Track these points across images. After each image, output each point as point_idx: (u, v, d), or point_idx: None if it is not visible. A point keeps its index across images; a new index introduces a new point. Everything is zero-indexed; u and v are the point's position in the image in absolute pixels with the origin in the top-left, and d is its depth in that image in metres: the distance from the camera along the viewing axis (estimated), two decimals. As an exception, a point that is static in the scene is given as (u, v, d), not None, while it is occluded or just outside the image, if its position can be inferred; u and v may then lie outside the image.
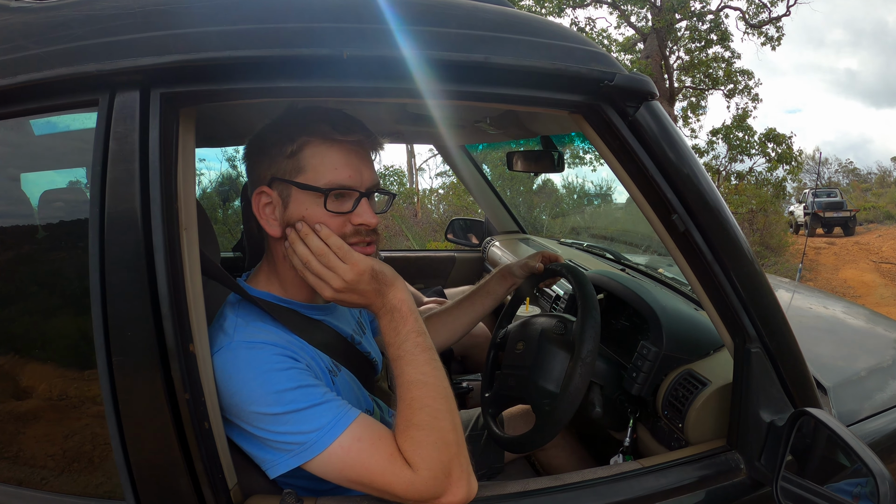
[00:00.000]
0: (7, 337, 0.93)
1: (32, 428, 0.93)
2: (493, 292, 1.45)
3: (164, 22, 0.73)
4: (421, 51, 0.77)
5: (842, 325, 1.84)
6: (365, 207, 0.92)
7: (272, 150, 0.92)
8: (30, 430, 0.94)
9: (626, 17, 12.57)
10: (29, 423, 0.93)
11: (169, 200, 0.76)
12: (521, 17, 0.86)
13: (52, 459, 0.91)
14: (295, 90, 0.76)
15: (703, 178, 0.91)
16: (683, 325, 1.31)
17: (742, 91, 13.30)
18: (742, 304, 0.97)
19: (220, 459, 0.81)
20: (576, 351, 1.12)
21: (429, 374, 0.86)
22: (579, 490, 0.94)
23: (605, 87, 0.85)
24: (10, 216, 0.95)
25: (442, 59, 0.78)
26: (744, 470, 1.01)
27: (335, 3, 0.78)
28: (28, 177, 0.98)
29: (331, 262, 0.88)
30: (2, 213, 0.94)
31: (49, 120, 0.86)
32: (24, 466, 0.91)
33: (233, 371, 0.84)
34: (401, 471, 0.80)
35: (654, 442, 1.27)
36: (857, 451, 0.85)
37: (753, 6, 12.60)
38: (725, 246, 0.93)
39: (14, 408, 0.93)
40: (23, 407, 0.93)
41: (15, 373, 0.92)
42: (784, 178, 12.33)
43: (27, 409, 0.93)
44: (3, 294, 0.93)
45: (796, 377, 1.03)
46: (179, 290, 0.77)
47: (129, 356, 0.76)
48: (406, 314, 0.88)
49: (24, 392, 0.92)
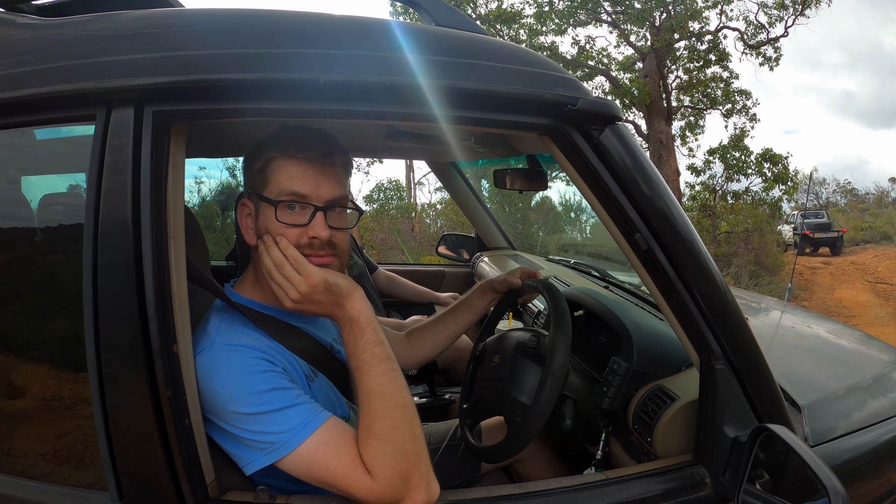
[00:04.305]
0: (4, 336, 0.97)
1: (26, 423, 0.97)
2: (475, 307, 1.49)
3: (159, 44, 0.79)
4: (392, 76, 0.82)
5: (824, 344, 1.85)
6: (318, 221, 0.96)
7: (250, 165, 0.99)
8: (23, 426, 0.98)
9: (625, 37, 12.72)
10: (22, 419, 0.97)
11: (158, 210, 0.81)
12: (490, 44, 0.91)
13: (42, 456, 0.95)
14: (277, 111, 0.82)
15: (668, 199, 0.94)
16: (655, 342, 1.33)
17: (740, 111, 13.40)
18: (706, 321, 0.99)
19: (199, 455, 0.85)
20: (546, 364, 1.15)
21: (386, 384, 0.89)
22: (543, 498, 0.96)
23: (569, 111, 0.89)
24: (9, 218, 1.00)
25: (411, 85, 0.83)
26: (709, 484, 1.02)
27: (315, 30, 0.84)
28: (29, 180, 1.02)
29: (287, 273, 0.93)
30: (2, 216, 0.99)
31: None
32: (18, 458, 0.95)
33: (213, 371, 0.89)
34: (361, 477, 0.84)
35: (626, 455, 1.29)
36: (812, 467, 0.86)
37: (752, 27, 12.75)
38: (689, 265, 0.96)
39: (8, 405, 0.97)
40: (16, 405, 0.97)
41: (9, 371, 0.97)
42: (780, 198, 12.42)
43: (21, 406, 0.97)
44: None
45: (763, 394, 1.04)
46: (165, 295, 0.82)
47: (117, 354, 0.80)
48: (363, 325, 0.92)
49: (19, 389, 0.97)
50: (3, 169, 0.99)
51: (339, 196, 1.00)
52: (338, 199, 1.00)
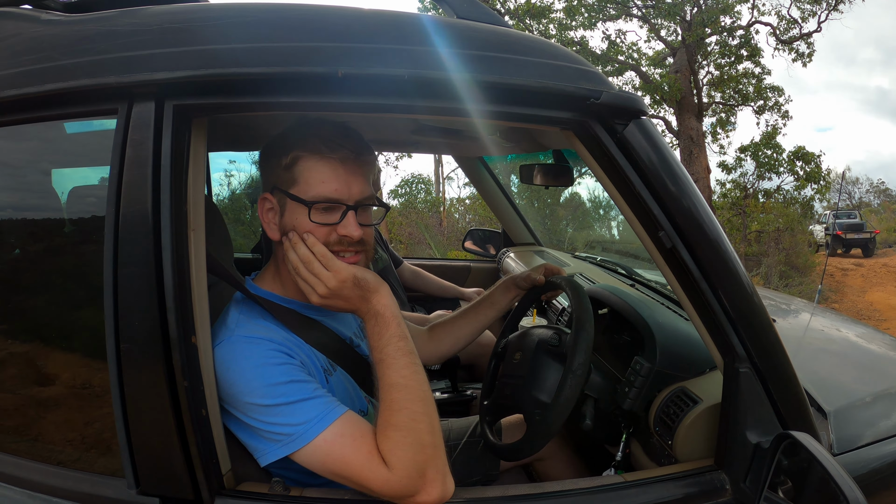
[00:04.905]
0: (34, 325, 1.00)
1: (53, 410, 1.00)
2: (498, 303, 1.48)
3: (179, 39, 0.80)
4: (412, 69, 0.81)
5: (853, 349, 1.79)
6: (350, 220, 0.97)
7: (272, 161, 0.98)
8: (50, 413, 1.01)
9: (656, 31, 12.46)
10: (50, 406, 1.00)
11: (178, 203, 0.82)
12: (512, 36, 0.89)
13: (69, 443, 0.98)
14: (296, 105, 0.82)
15: (694, 197, 0.92)
16: (680, 342, 1.30)
17: (772, 108, 13.01)
18: (731, 322, 0.97)
19: (215, 445, 0.86)
20: (567, 363, 1.14)
21: (408, 377, 0.89)
22: (558, 499, 0.95)
23: (592, 105, 0.87)
24: (40, 210, 1.03)
25: (431, 78, 0.82)
26: (729, 491, 1.00)
27: (335, 24, 0.83)
28: (61, 172, 1.05)
29: (315, 270, 0.93)
30: (33, 207, 1.02)
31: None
32: (44, 444, 0.98)
33: (231, 363, 0.90)
34: (378, 468, 0.84)
35: (647, 458, 1.27)
36: (834, 477, 0.83)
37: (784, 22, 12.36)
38: (714, 264, 0.93)
39: (35, 392, 1.00)
40: (44, 392, 1.00)
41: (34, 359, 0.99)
42: (812, 198, 12.06)
43: (48, 394, 1.00)
44: (28, 283, 1.00)
45: (788, 399, 1.01)
46: (184, 286, 0.83)
47: (135, 343, 0.82)
48: (389, 319, 0.93)
49: (45, 378, 0.99)
50: (36, 161, 1.02)
51: (368, 195, 1.00)
52: (367, 198, 1.00)
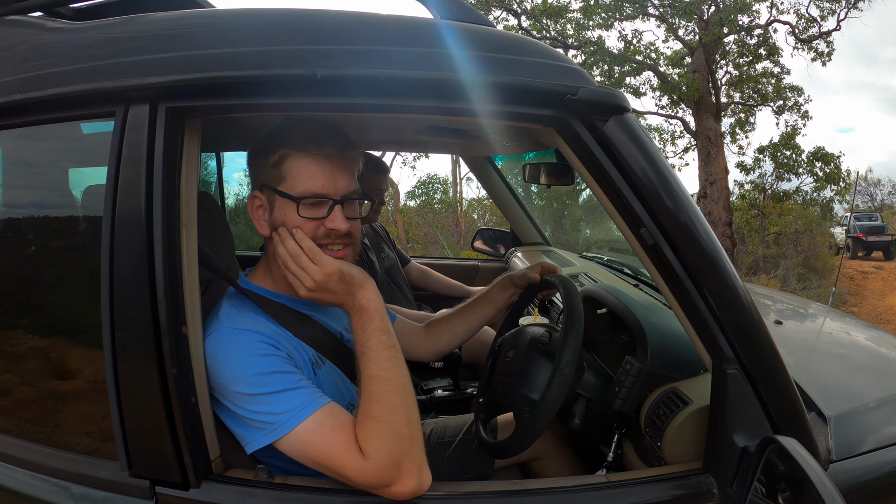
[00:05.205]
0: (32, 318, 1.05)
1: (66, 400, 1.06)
2: (495, 301, 1.49)
3: (172, 45, 0.85)
4: (392, 69, 0.84)
5: (861, 352, 1.75)
6: (337, 214, 1.00)
7: (260, 159, 1.02)
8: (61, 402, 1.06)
9: (673, 31, 12.30)
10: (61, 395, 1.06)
11: (170, 200, 0.87)
12: (493, 35, 0.91)
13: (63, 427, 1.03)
14: (281, 106, 0.86)
15: (677, 193, 0.91)
16: (672, 343, 1.29)
17: (792, 108, 12.73)
18: (717, 322, 0.95)
19: (203, 431, 0.91)
20: (556, 361, 1.14)
21: (388, 370, 0.92)
22: (538, 496, 0.95)
23: (570, 101, 0.88)
24: (56, 207, 1.09)
25: (410, 78, 0.84)
26: (716, 495, 0.98)
27: (315, 27, 0.87)
28: (79, 171, 1.10)
29: (303, 263, 0.97)
30: (50, 205, 1.08)
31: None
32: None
33: (219, 353, 0.94)
34: (354, 458, 0.87)
35: (638, 459, 1.26)
36: (817, 486, 0.81)
37: (803, 20, 12.09)
38: (699, 261, 0.92)
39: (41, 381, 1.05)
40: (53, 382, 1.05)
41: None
42: (831, 199, 11.80)
43: (56, 384, 1.05)
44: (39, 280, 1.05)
45: (779, 402, 0.99)
46: (175, 278, 0.87)
47: (129, 333, 0.87)
48: (372, 313, 0.96)
49: (48, 368, 1.05)
50: (55, 161, 1.07)
51: (354, 189, 1.04)
52: (352, 192, 1.03)
